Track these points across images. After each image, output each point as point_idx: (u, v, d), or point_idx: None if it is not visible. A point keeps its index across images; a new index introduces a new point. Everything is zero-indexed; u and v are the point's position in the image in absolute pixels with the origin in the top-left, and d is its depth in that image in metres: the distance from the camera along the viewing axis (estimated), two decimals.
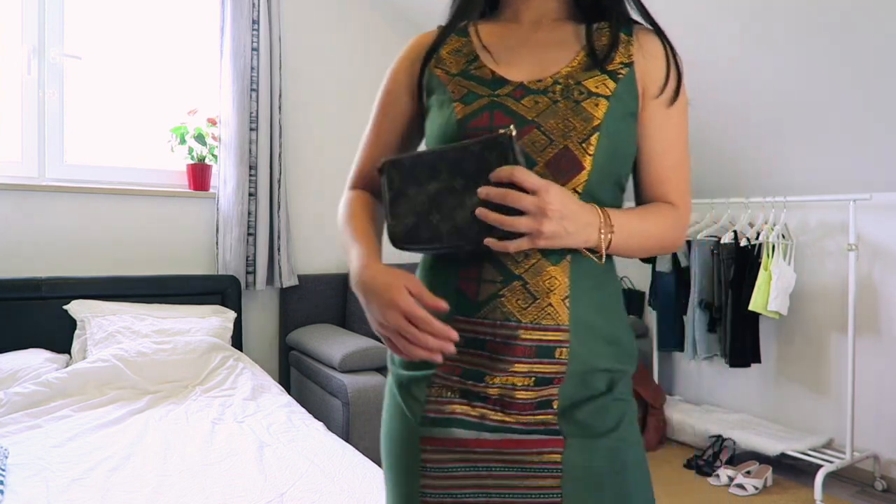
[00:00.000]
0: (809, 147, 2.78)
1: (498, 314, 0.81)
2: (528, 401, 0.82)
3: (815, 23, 2.28)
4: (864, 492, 2.73)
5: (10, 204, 2.62)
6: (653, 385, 3.33)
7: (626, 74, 0.88)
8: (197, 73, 3.14)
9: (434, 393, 0.85)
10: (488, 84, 0.88)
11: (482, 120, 0.85)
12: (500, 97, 0.86)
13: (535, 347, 0.81)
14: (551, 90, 0.85)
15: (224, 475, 1.59)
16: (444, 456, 0.84)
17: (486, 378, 0.82)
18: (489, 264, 0.83)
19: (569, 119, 0.83)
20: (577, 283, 0.83)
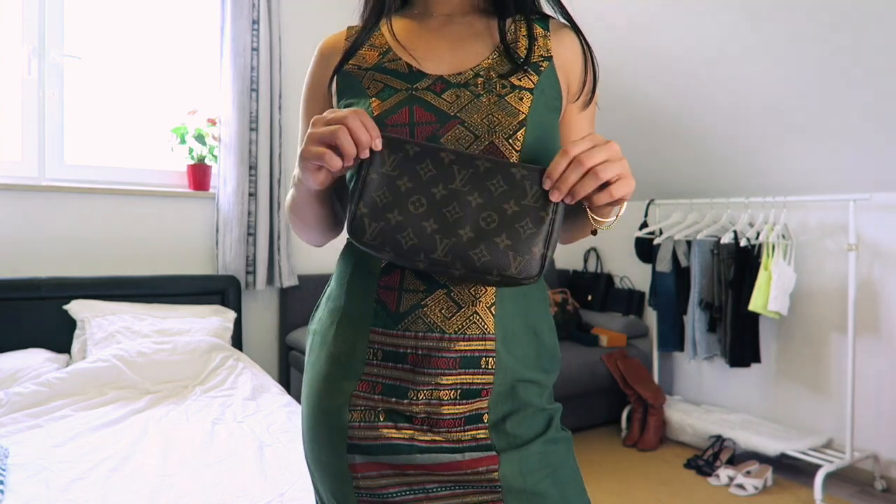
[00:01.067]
0: (810, 147, 2.78)
1: (420, 325, 0.77)
2: (456, 416, 0.78)
3: (815, 24, 2.28)
4: (864, 492, 2.73)
5: (10, 204, 2.62)
6: (653, 385, 3.33)
7: (546, 67, 0.84)
8: (197, 73, 3.14)
9: (356, 417, 0.79)
10: (405, 77, 0.83)
11: (402, 116, 0.79)
12: (418, 91, 0.81)
13: (460, 358, 0.77)
14: (473, 83, 0.81)
15: (224, 475, 1.59)
16: (376, 482, 0.79)
17: (409, 394, 0.77)
18: (411, 273, 0.78)
19: (493, 114, 0.79)
20: (502, 290, 0.79)
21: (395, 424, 0.78)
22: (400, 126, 0.78)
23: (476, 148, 0.77)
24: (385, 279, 0.79)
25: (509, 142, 0.78)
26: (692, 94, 2.92)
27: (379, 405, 0.79)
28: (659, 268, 3.37)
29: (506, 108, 0.79)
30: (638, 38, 2.85)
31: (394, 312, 0.78)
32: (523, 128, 0.79)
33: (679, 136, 3.19)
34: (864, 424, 2.78)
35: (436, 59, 0.85)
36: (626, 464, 3.00)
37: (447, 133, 0.78)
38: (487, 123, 0.78)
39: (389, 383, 0.79)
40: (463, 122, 0.78)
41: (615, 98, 3.21)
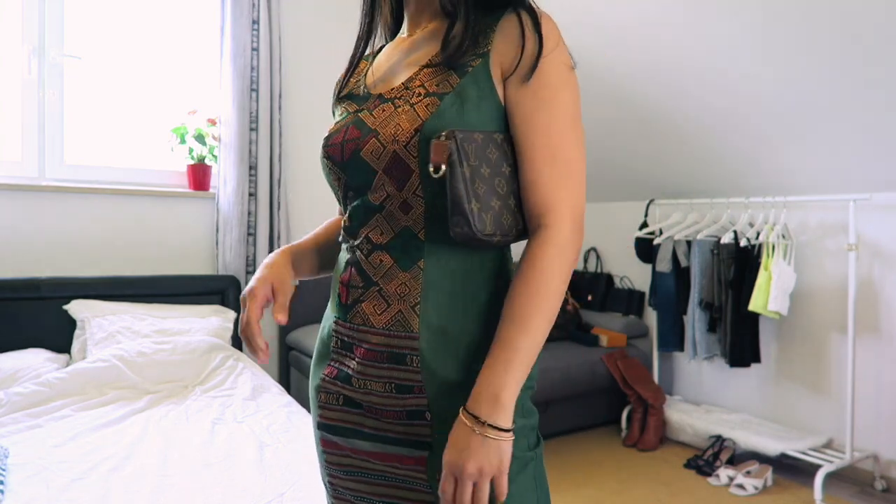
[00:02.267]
0: (810, 147, 2.78)
1: (358, 318, 0.84)
2: (396, 409, 0.81)
3: (815, 25, 2.28)
4: (864, 492, 2.73)
5: (10, 204, 2.62)
6: (653, 385, 3.33)
7: (476, 65, 0.81)
8: (197, 73, 3.14)
9: (323, 399, 0.89)
10: (359, 99, 0.90)
11: (339, 135, 0.87)
12: (361, 111, 0.87)
13: (387, 353, 0.81)
14: (397, 97, 0.84)
15: (224, 475, 1.59)
16: (337, 458, 0.89)
17: (352, 380, 0.85)
18: (355, 269, 0.86)
19: (399, 124, 0.80)
20: (431, 290, 0.80)
21: (351, 410, 0.86)
22: (335, 145, 0.86)
23: (384, 158, 0.81)
24: (342, 275, 0.88)
25: (406, 149, 0.79)
26: (692, 94, 2.92)
27: (339, 390, 0.87)
28: (659, 268, 3.37)
29: (410, 116, 0.80)
30: (638, 39, 2.85)
31: (343, 304, 0.87)
32: (418, 133, 0.78)
33: (679, 136, 3.19)
34: (864, 424, 2.78)
35: (384, 78, 0.90)
36: (626, 464, 3.00)
37: (365, 146, 0.83)
38: (392, 133, 0.81)
39: (343, 370, 0.86)
40: (378, 134, 0.82)
41: (615, 98, 3.21)
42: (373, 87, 0.90)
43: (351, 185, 0.86)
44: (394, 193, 0.81)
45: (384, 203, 0.82)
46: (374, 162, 0.82)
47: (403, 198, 0.81)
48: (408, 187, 0.80)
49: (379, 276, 0.83)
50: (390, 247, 0.82)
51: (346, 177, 0.86)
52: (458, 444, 0.73)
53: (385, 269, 0.83)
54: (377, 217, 0.83)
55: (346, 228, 0.88)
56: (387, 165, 0.81)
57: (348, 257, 0.88)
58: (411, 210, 0.81)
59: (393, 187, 0.81)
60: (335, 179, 0.88)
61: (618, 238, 3.90)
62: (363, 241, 0.85)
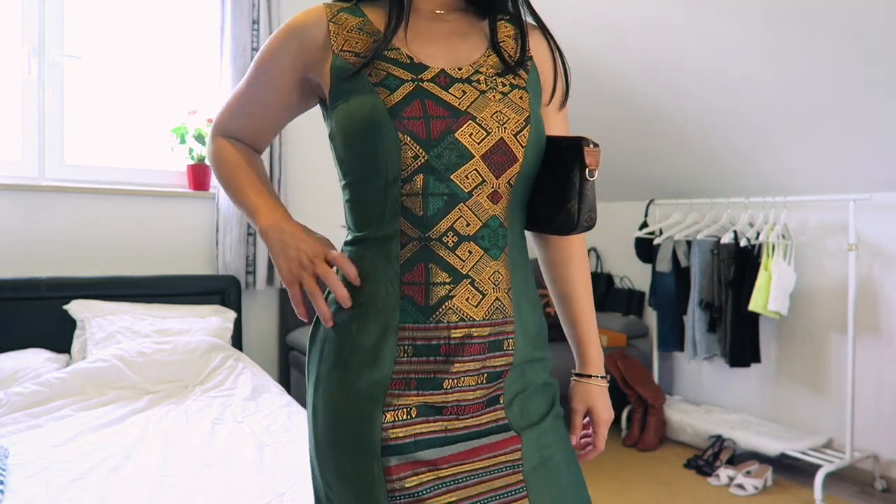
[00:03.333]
0: (810, 147, 2.78)
1: (452, 316, 0.79)
2: (480, 399, 0.82)
3: (815, 25, 2.28)
4: (864, 492, 2.73)
5: (10, 204, 2.62)
6: (653, 385, 3.33)
7: (531, 66, 0.89)
8: (197, 73, 3.14)
9: (390, 418, 0.78)
10: (408, 68, 0.82)
11: (415, 109, 0.79)
12: (424, 83, 0.81)
13: (487, 343, 0.81)
14: (475, 80, 0.83)
15: (224, 475, 1.59)
16: (411, 481, 0.77)
17: (444, 384, 0.80)
18: (435, 266, 0.79)
19: (502, 110, 0.82)
20: (514, 274, 0.85)
21: (427, 418, 0.80)
22: (415, 119, 0.78)
23: (487, 144, 0.80)
24: (409, 275, 0.80)
25: (517, 138, 0.81)
26: (692, 94, 2.92)
27: (413, 401, 0.79)
28: (659, 268, 3.37)
29: (511, 106, 0.83)
30: (638, 39, 2.85)
31: (423, 306, 0.79)
32: (529, 125, 0.83)
33: (679, 136, 3.19)
34: (864, 424, 2.78)
35: (433, 53, 0.85)
36: (626, 464, 3.00)
37: (460, 128, 0.79)
38: (497, 120, 0.81)
39: (423, 377, 0.80)
40: (474, 117, 0.80)
41: (616, 98, 3.21)
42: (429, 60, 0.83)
43: (434, 167, 0.78)
44: (488, 180, 0.80)
45: (473, 191, 0.80)
46: (472, 146, 0.79)
47: (495, 187, 0.81)
48: (504, 176, 0.81)
49: (469, 269, 0.80)
50: (478, 237, 0.81)
51: (429, 157, 0.78)
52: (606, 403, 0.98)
53: (476, 260, 0.81)
54: (461, 206, 0.80)
55: (417, 219, 0.79)
56: (488, 151, 0.80)
57: (416, 252, 0.79)
58: (500, 199, 0.82)
59: (490, 174, 0.80)
60: (411, 157, 0.78)
61: (618, 238, 3.90)
62: (448, 233, 0.79)
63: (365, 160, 0.81)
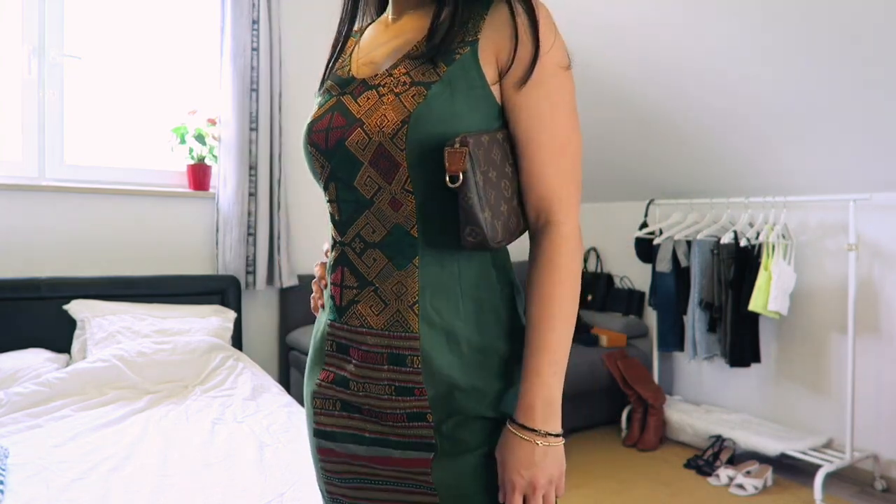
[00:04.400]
0: (810, 147, 2.78)
1: (355, 320, 0.82)
2: (396, 411, 0.79)
3: (815, 25, 2.28)
4: (864, 492, 2.73)
5: (10, 204, 2.62)
6: (653, 385, 3.33)
7: (465, 53, 0.78)
8: (197, 73, 3.14)
9: (318, 405, 0.86)
10: (342, 83, 0.86)
11: (324, 122, 0.83)
12: (343, 95, 0.83)
13: (387, 354, 0.79)
14: (382, 84, 0.80)
15: (224, 475, 1.59)
16: (335, 466, 0.86)
17: (350, 384, 0.82)
18: (347, 269, 0.83)
19: (385, 114, 0.77)
20: (429, 288, 0.78)
21: (349, 414, 0.84)
22: (320, 132, 0.83)
23: (369, 150, 0.78)
24: (333, 276, 0.85)
25: (394, 141, 0.76)
26: (692, 94, 2.92)
27: (336, 395, 0.85)
28: (659, 268, 3.37)
29: (395, 106, 0.76)
30: (637, 39, 2.85)
31: (338, 306, 0.84)
32: (405, 125, 0.75)
33: (679, 136, 3.19)
34: (864, 424, 2.78)
35: (367, 63, 0.86)
36: (626, 464, 3.00)
37: (350, 136, 0.79)
38: (378, 124, 0.77)
39: (340, 374, 0.84)
40: (363, 124, 0.78)
41: (615, 98, 3.21)
42: (357, 71, 0.86)
43: (336, 175, 0.82)
44: (384, 188, 0.78)
45: (374, 198, 0.79)
46: (359, 153, 0.78)
47: (392, 193, 0.78)
48: (396, 181, 0.77)
49: (374, 276, 0.80)
50: (384, 245, 0.80)
51: (330, 166, 0.82)
52: (523, 461, 0.74)
53: (380, 268, 0.80)
54: (367, 213, 0.80)
55: (336, 223, 0.85)
56: (372, 157, 0.78)
57: (337, 256, 0.85)
58: (401, 206, 0.78)
59: (382, 181, 0.78)
60: (319, 167, 0.84)
61: (618, 238, 3.90)
62: (355, 239, 0.82)
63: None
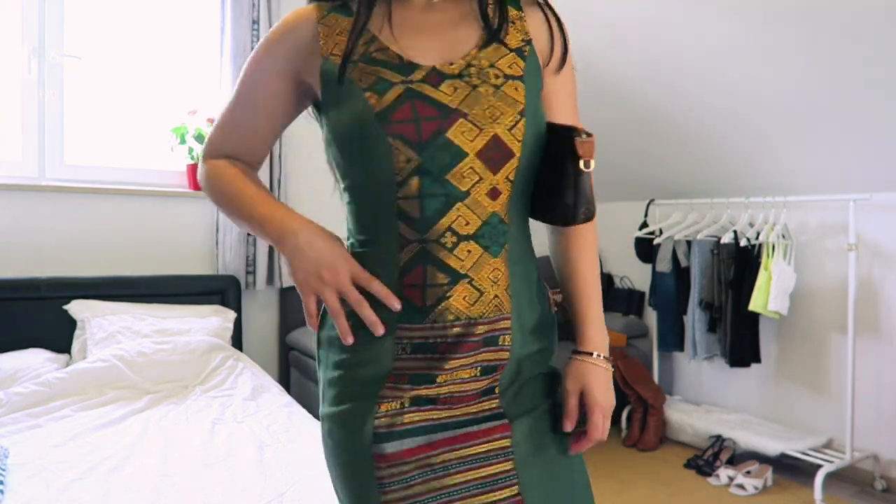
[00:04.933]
0: (810, 147, 2.78)
1: (448, 315, 0.80)
2: (474, 391, 0.82)
3: (815, 25, 2.28)
4: (864, 492, 2.73)
5: (10, 204, 2.62)
6: (653, 385, 3.33)
7: (529, 52, 0.85)
8: (197, 73, 3.14)
9: (384, 408, 0.81)
10: (397, 69, 0.80)
11: (405, 112, 0.77)
12: (414, 83, 0.79)
13: (483, 339, 0.81)
14: (466, 74, 0.80)
15: (224, 475, 1.59)
16: (399, 469, 0.80)
17: (437, 378, 0.81)
18: (433, 267, 0.79)
19: (494, 105, 0.79)
20: (513, 270, 0.84)
21: (420, 408, 0.81)
22: (406, 122, 0.77)
23: (481, 140, 0.78)
24: (408, 278, 0.80)
25: (511, 132, 0.79)
26: (692, 94, 2.92)
27: (406, 394, 0.81)
28: (659, 268, 3.37)
29: (504, 99, 0.80)
30: (638, 39, 2.85)
31: (420, 307, 0.80)
32: (523, 118, 0.80)
33: (679, 136, 3.19)
34: (864, 424, 2.78)
35: (423, 49, 0.82)
36: (626, 464, 3.00)
37: (451, 127, 0.78)
38: (490, 115, 0.79)
39: (417, 373, 0.81)
40: (465, 115, 0.78)
41: (615, 98, 3.21)
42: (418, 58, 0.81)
43: (426, 169, 0.78)
44: (486, 177, 0.79)
45: (471, 189, 0.78)
46: (465, 144, 0.78)
47: (493, 184, 0.79)
48: (502, 172, 0.79)
49: (468, 268, 0.79)
50: (478, 235, 0.80)
51: (420, 158, 0.77)
52: (604, 386, 0.90)
53: (475, 259, 0.80)
54: (459, 206, 0.78)
55: (412, 221, 0.79)
56: (482, 149, 0.78)
57: (413, 255, 0.79)
58: (499, 196, 0.80)
59: (487, 171, 0.79)
60: (402, 161, 0.78)
61: (618, 238, 3.90)
62: (445, 234, 0.78)
63: (359, 166, 0.81)
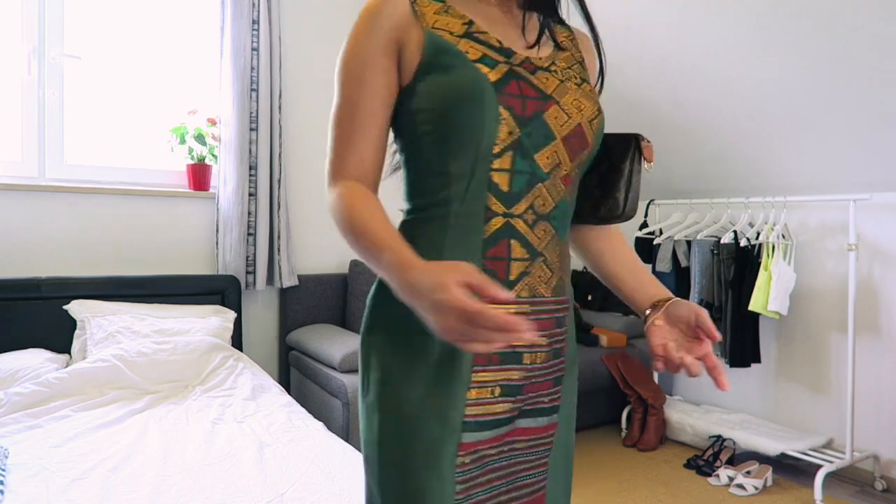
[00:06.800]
0: (809, 147, 2.78)
1: (528, 291, 0.83)
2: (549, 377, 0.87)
3: (815, 25, 2.28)
4: (864, 492, 2.73)
5: (10, 204, 2.62)
6: (653, 385, 3.33)
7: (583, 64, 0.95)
8: (197, 73, 3.14)
9: (474, 395, 0.80)
10: (498, 51, 0.84)
11: (513, 87, 0.81)
12: (515, 66, 0.83)
13: (554, 320, 0.87)
14: (553, 69, 0.87)
15: (224, 475, 1.59)
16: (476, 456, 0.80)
17: (524, 358, 0.84)
18: (516, 242, 0.82)
19: (579, 99, 0.86)
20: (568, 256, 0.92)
21: (508, 398, 0.83)
22: (514, 96, 0.81)
23: (568, 127, 0.85)
24: (493, 250, 0.81)
25: (591, 124, 0.87)
26: (692, 94, 2.92)
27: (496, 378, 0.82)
28: (659, 268, 3.37)
29: (586, 95, 0.88)
30: (638, 39, 2.85)
31: (504, 280, 0.81)
32: (600, 114, 0.88)
33: (679, 136, 3.19)
34: (864, 424, 2.78)
35: (511, 39, 0.87)
36: (626, 464, 3.00)
37: (548, 110, 0.83)
38: (576, 106, 0.86)
39: (505, 352, 0.82)
40: (558, 102, 0.84)
41: (615, 99, 3.21)
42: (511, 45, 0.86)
43: (522, 145, 0.81)
44: (564, 162, 0.85)
45: (551, 172, 0.84)
46: (556, 128, 0.83)
47: (568, 170, 0.85)
48: (576, 161, 0.86)
49: (543, 247, 0.84)
50: (552, 217, 0.85)
51: (521, 133, 0.81)
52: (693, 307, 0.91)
53: (548, 240, 0.85)
54: (541, 186, 0.83)
55: (501, 194, 0.81)
56: (568, 135, 0.84)
57: (500, 227, 0.80)
58: (570, 183, 0.87)
59: (566, 157, 0.84)
60: (506, 132, 0.79)
61: None
62: (528, 210, 0.83)
63: (460, 131, 0.79)
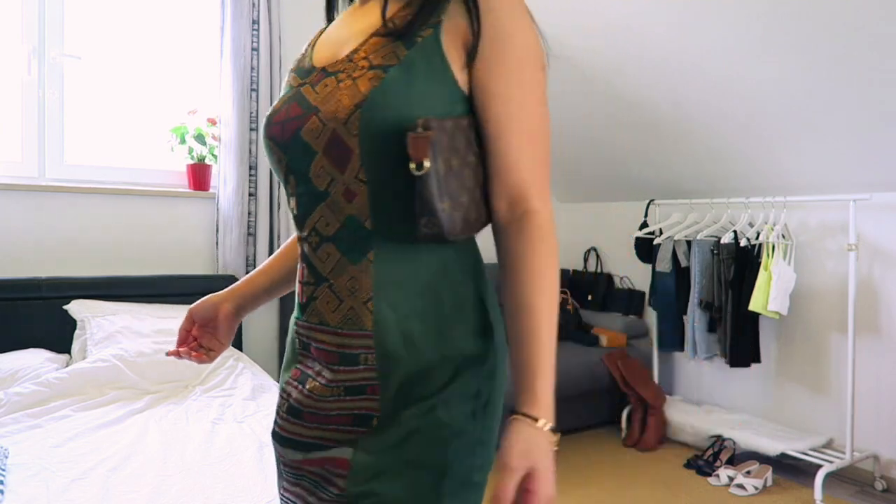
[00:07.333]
0: (809, 147, 2.78)
1: (314, 317, 0.80)
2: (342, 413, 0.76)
3: (815, 25, 2.28)
4: (864, 492, 2.73)
5: (10, 204, 2.62)
6: (653, 385, 3.33)
7: (427, 36, 0.74)
8: (197, 73, 3.14)
9: (280, 404, 0.86)
10: (302, 73, 0.84)
11: (281, 114, 0.80)
12: (303, 86, 0.80)
13: (339, 354, 0.76)
14: (341, 69, 0.76)
15: (224, 475, 1.59)
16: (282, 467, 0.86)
17: (307, 382, 0.81)
18: (305, 266, 0.81)
19: (341, 99, 0.73)
20: (384, 284, 0.75)
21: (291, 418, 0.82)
22: (276, 124, 0.80)
23: (323, 138, 0.74)
24: (299, 273, 0.83)
25: (346, 126, 0.72)
26: (692, 94, 2.92)
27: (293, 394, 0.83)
28: (659, 268, 3.37)
29: (350, 91, 0.73)
30: (637, 39, 2.84)
31: (301, 304, 0.83)
32: (359, 109, 0.72)
33: (679, 136, 3.19)
34: (864, 424, 2.78)
35: (330, 50, 0.83)
36: (626, 464, 3.00)
37: (305, 125, 0.76)
38: (333, 110, 0.73)
39: (303, 371, 0.83)
40: (318, 111, 0.75)
41: (614, 98, 3.21)
42: (317, 60, 0.83)
43: (293, 168, 0.79)
44: (337, 177, 0.75)
45: (329, 189, 0.76)
46: (313, 142, 0.75)
47: (346, 183, 0.74)
48: (349, 170, 0.74)
49: (328, 271, 0.77)
50: (337, 238, 0.76)
51: (287, 158, 0.79)
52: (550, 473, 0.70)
53: (334, 263, 0.77)
54: (322, 206, 0.77)
55: (295, 218, 0.82)
56: (326, 146, 0.74)
57: (300, 252, 0.82)
58: (355, 197, 0.75)
59: (335, 170, 0.74)
60: (277, 161, 0.81)
61: (618, 238, 3.90)
62: (311, 232, 0.79)
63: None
